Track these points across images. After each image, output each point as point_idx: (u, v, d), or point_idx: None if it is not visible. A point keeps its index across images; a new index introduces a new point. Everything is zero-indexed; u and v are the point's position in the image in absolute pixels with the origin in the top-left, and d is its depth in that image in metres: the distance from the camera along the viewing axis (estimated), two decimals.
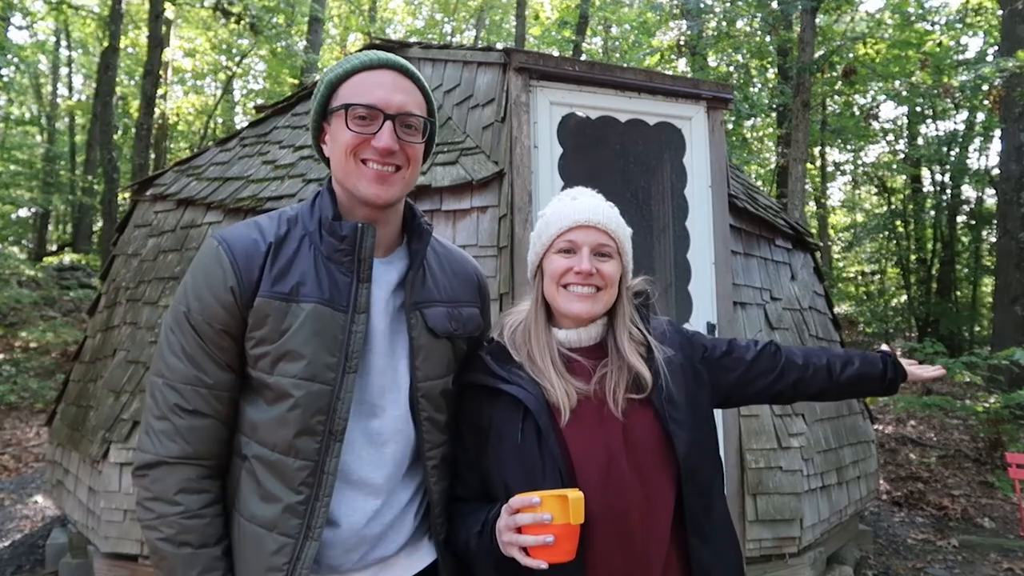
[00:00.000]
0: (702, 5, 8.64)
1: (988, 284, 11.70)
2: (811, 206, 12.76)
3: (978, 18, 10.41)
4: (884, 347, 1.36)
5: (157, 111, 11.79)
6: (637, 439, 1.07)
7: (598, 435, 1.06)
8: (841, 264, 14.81)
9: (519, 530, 0.96)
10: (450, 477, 1.14)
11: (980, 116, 11.06)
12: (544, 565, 0.94)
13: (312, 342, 0.98)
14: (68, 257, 12.82)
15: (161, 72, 11.05)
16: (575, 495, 0.94)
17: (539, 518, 0.93)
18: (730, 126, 9.35)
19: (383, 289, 1.08)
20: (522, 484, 1.03)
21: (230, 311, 0.99)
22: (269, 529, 0.98)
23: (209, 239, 1.05)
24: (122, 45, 12.20)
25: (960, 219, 12.33)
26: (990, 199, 11.79)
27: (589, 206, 1.14)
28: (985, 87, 7.92)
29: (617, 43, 15.03)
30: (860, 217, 15.63)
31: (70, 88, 17.01)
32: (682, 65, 10.87)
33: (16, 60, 13.10)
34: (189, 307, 1.01)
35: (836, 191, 15.97)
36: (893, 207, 13.30)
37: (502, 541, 0.99)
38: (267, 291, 0.99)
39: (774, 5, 8.10)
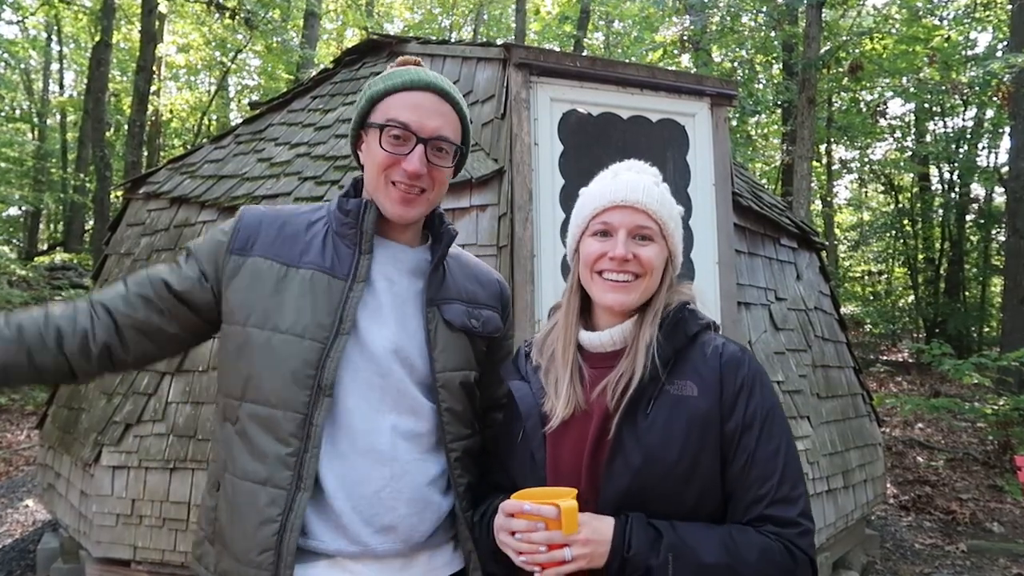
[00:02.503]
0: (706, 0, 8.56)
1: (997, 284, 11.58)
2: (817, 204, 12.68)
3: (987, 13, 10.27)
4: None
5: (150, 108, 11.71)
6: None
7: (580, 447, 0.99)
8: (847, 263, 14.72)
9: (512, 532, 0.94)
10: (476, 472, 1.14)
11: (989, 113, 10.94)
12: (538, 571, 0.91)
13: (307, 303, 1.04)
14: (60, 256, 12.68)
15: (154, 68, 10.95)
16: (567, 505, 0.89)
17: (532, 526, 0.90)
18: (734, 123, 9.28)
19: (393, 267, 1.12)
20: (523, 482, 1.02)
21: (217, 256, 1.09)
22: (262, 484, 1.01)
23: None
24: (114, 40, 12.12)
25: (969, 218, 12.21)
26: (999, 197, 11.65)
27: (628, 183, 1.03)
28: (994, 83, 7.82)
29: (619, 38, 14.97)
30: (867, 216, 15.53)
31: (61, 84, 16.95)
32: (685, 61, 10.78)
33: (6, 55, 13.04)
34: (195, 243, 1.15)
35: (842, 189, 15.88)
36: (900, 205, 13.20)
37: (498, 539, 0.96)
38: (264, 252, 1.07)
39: (779, 0, 8.02)
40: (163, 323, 1.08)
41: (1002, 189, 10.63)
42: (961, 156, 11.28)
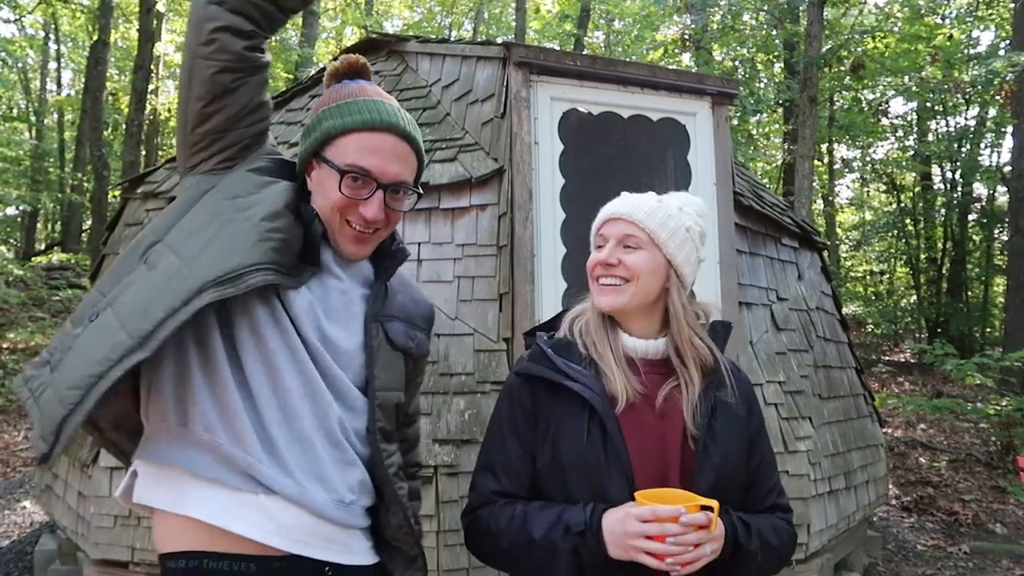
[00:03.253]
0: None
1: (1000, 284, 11.55)
2: (818, 204, 12.65)
3: (989, 11, 10.23)
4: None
5: (148, 107, 11.67)
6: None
7: (660, 441, 1.10)
8: (849, 263, 14.69)
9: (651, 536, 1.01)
10: (407, 480, 1.16)
11: (991, 112, 10.91)
12: (679, 570, 0.99)
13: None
14: (57, 257, 12.62)
15: (152, 67, 10.91)
16: (715, 512, 1.00)
17: (693, 518, 0.99)
18: (735, 122, 9.25)
19: (338, 276, 1.09)
20: (584, 484, 1.06)
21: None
22: (119, 329, 0.91)
23: None
24: (112, 39, 12.09)
25: (971, 217, 12.18)
26: (1002, 197, 11.62)
27: (623, 199, 1.18)
28: (997, 82, 7.79)
29: (619, 37, 14.93)
30: (869, 215, 15.49)
31: (59, 83, 16.88)
32: (686, 60, 10.76)
33: (3, 54, 12.98)
34: None
35: (844, 188, 15.84)
36: (902, 205, 13.17)
37: (626, 544, 0.99)
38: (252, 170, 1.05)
39: None
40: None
41: (1004, 188, 10.60)
42: (963, 155, 11.25)
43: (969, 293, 12.14)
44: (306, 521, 0.97)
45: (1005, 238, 10.47)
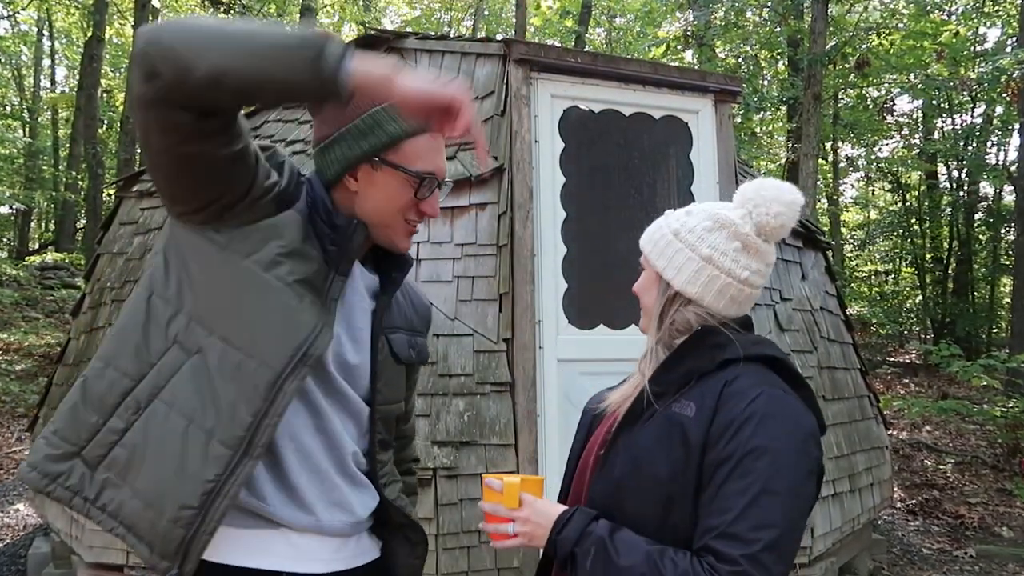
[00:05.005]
0: None
1: (1006, 284, 11.47)
2: (823, 203, 12.57)
3: (996, 8, 10.14)
4: None
5: None
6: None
7: (592, 445, 1.11)
8: (854, 263, 14.60)
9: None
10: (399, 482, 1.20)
11: (998, 109, 10.80)
12: (492, 543, 1.05)
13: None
14: (51, 256, 12.49)
15: None
16: (509, 480, 1.03)
17: (488, 482, 1.05)
18: (738, 120, 9.20)
19: (357, 290, 1.08)
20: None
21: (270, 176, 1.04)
22: (206, 432, 0.90)
23: None
24: (107, 35, 11.97)
25: (977, 216, 12.08)
26: (1008, 196, 11.53)
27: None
28: (1003, 79, 7.72)
29: (621, 34, 14.88)
30: (873, 214, 15.40)
31: (53, 80, 16.79)
32: (689, 57, 10.71)
33: None
34: None
35: (848, 187, 15.72)
36: (908, 204, 13.08)
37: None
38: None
39: None
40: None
41: (1011, 187, 10.51)
42: (970, 154, 11.14)
43: (975, 293, 12.05)
44: (327, 544, 1.03)
45: (1012, 238, 10.38)
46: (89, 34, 10.78)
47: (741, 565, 0.86)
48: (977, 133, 11.29)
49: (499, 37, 3.20)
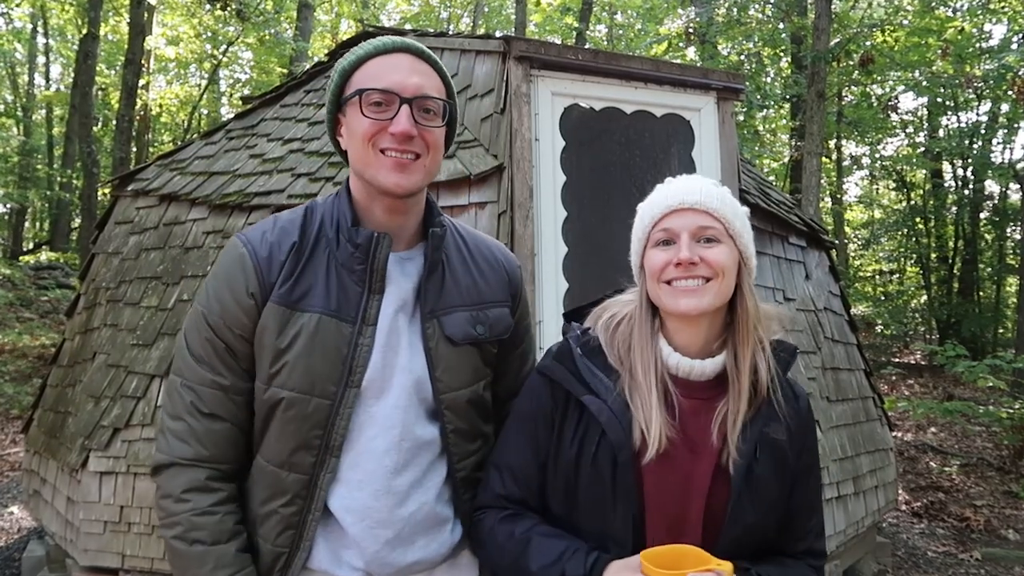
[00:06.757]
0: None
1: (1012, 284, 11.40)
2: (826, 202, 12.52)
3: (1002, 4, 10.04)
4: None
5: (139, 102, 11.37)
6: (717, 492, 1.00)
7: (685, 485, 0.97)
8: (858, 263, 14.54)
9: None
10: (477, 482, 1.11)
11: (1004, 107, 10.71)
12: None
13: (312, 354, 0.97)
14: (45, 256, 12.54)
15: (143, 61, 10.62)
16: (726, 569, 0.88)
17: None
18: (741, 118, 9.14)
19: (398, 295, 1.04)
20: (589, 510, 0.97)
21: (250, 316, 0.99)
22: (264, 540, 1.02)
23: (233, 239, 1.05)
24: (102, 33, 11.86)
25: (983, 215, 12.00)
26: (1014, 194, 11.46)
27: (683, 185, 1.00)
28: (1009, 76, 7.66)
29: (622, 31, 14.83)
30: (878, 213, 15.33)
31: (47, 78, 16.71)
32: (691, 54, 10.64)
33: None
34: (209, 309, 1.01)
35: (853, 186, 15.69)
36: (912, 203, 13.00)
37: None
38: (276, 296, 0.99)
39: None
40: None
41: (1017, 186, 10.44)
42: (975, 152, 11.05)
43: (981, 293, 11.97)
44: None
45: (1017, 236, 10.33)
46: (84, 31, 10.64)
47: (826, 553, 1.09)
48: (983, 131, 11.19)
49: (499, 34, 3.17)
